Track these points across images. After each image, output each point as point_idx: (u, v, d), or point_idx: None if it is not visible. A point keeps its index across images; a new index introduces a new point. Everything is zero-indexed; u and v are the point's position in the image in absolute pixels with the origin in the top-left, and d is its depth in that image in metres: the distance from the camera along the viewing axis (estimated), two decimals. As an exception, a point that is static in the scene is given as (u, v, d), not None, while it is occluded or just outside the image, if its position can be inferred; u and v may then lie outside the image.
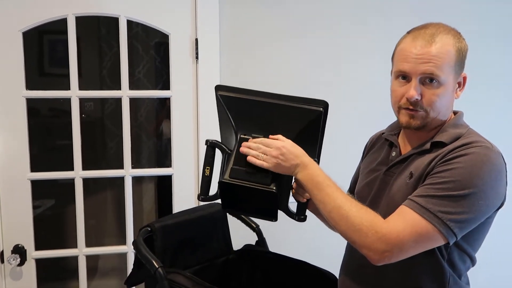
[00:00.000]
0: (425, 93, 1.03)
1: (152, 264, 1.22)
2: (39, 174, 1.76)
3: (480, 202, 0.96)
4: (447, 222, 0.94)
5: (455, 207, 0.94)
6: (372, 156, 1.25)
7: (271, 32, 1.86)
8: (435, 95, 1.02)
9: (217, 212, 1.53)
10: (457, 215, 0.94)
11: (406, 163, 1.09)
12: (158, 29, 1.79)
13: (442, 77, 1.01)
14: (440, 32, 1.03)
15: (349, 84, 1.94)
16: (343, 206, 1.00)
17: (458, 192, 0.95)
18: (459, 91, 1.07)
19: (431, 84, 1.02)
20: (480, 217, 0.98)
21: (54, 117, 2.87)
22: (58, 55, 2.93)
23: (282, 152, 1.06)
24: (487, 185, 0.96)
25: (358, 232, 0.97)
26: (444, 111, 1.06)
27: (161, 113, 2.93)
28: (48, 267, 1.98)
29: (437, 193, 0.96)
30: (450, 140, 1.04)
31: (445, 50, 1.01)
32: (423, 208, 0.95)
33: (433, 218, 0.94)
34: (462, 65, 1.06)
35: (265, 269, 1.51)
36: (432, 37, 1.02)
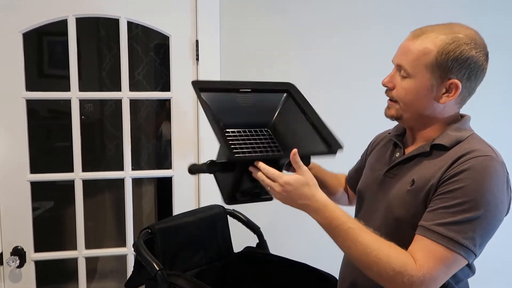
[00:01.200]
0: (397, 85, 1.06)
1: (153, 266, 1.21)
2: (39, 175, 1.76)
3: (495, 218, 0.96)
4: (470, 247, 0.94)
5: (474, 230, 0.94)
6: (376, 155, 1.24)
7: (272, 34, 1.86)
8: (402, 88, 1.05)
9: (218, 214, 1.53)
10: (478, 237, 0.94)
11: (408, 165, 1.08)
12: (158, 30, 1.78)
13: (410, 72, 1.02)
14: (434, 31, 1.02)
15: (349, 86, 1.94)
16: (371, 251, 0.96)
17: (475, 213, 0.94)
18: (445, 96, 1.02)
19: (402, 76, 1.05)
20: (494, 231, 0.98)
21: (54, 119, 2.87)
22: (58, 56, 2.93)
23: (286, 190, 1.02)
24: (498, 200, 0.96)
25: (393, 278, 0.94)
26: (418, 108, 1.05)
27: (160, 115, 2.93)
28: (48, 269, 1.97)
29: (455, 219, 0.94)
30: (450, 143, 1.02)
31: (422, 47, 1.01)
32: (446, 238, 0.94)
33: (458, 248, 0.94)
34: (447, 69, 1.00)
35: (265, 272, 1.50)
36: (420, 33, 1.03)
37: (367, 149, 1.34)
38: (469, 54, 0.99)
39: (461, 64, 1.00)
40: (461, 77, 1.01)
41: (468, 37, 1.00)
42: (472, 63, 1.00)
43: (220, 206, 1.56)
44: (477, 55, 1.00)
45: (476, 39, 1.01)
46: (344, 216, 1.01)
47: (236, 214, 1.56)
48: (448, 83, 1.01)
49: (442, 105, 1.04)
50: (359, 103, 1.94)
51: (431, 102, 1.04)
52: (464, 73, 1.01)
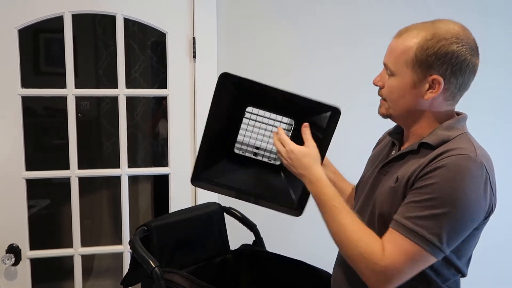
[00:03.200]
0: (385, 84, 1.09)
1: (149, 263, 1.21)
2: (34, 173, 1.75)
3: (465, 217, 0.96)
4: (436, 243, 0.94)
5: (441, 227, 0.94)
6: (376, 152, 1.26)
7: (270, 31, 1.86)
8: (389, 86, 1.07)
9: (214, 211, 1.53)
10: (445, 234, 0.94)
11: (399, 162, 1.09)
12: (155, 27, 1.78)
13: (393, 69, 1.04)
14: (417, 28, 1.03)
15: (349, 82, 1.93)
16: (345, 231, 1.01)
17: (442, 210, 0.94)
18: (429, 93, 1.02)
19: (388, 75, 1.07)
20: (466, 231, 0.98)
21: (50, 116, 2.86)
22: (54, 54, 2.92)
23: (290, 157, 1.12)
24: (469, 199, 0.95)
25: (359, 261, 0.99)
26: (404, 106, 1.06)
27: (157, 113, 2.92)
28: (44, 267, 1.97)
29: (422, 213, 0.95)
30: (436, 143, 1.02)
31: (403, 45, 1.02)
32: (412, 232, 0.95)
33: (423, 242, 0.95)
34: (427, 65, 1.00)
35: (262, 269, 1.50)
36: (403, 31, 1.05)
37: (375, 145, 1.36)
38: (449, 49, 0.99)
39: (441, 59, 0.99)
40: (443, 72, 1.00)
41: (448, 32, 1.00)
42: (453, 57, 0.99)
43: (217, 204, 1.56)
44: (458, 49, 0.99)
45: (459, 33, 1.00)
46: (332, 193, 1.07)
47: (233, 212, 1.56)
48: (431, 79, 1.01)
49: (428, 101, 1.04)
50: (359, 104, 1.94)
51: (416, 98, 1.04)
52: (446, 69, 1.00)
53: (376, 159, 1.22)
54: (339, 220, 1.03)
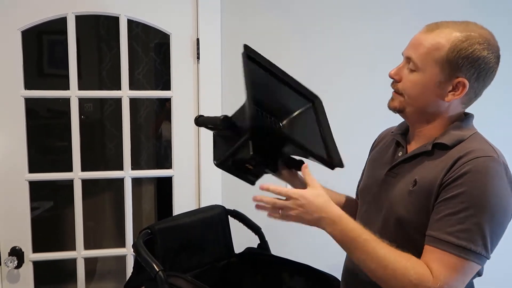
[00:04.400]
0: (404, 77, 1.04)
1: (153, 267, 1.19)
2: (37, 175, 1.74)
3: (501, 219, 0.95)
4: (483, 253, 0.93)
5: (484, 235, 0.93)
6: (378, 153, 1.22)
7: (274, 32, 1.85)
8: (409, 81, 1.03)
9: (218, 214, 1.51)
10: (488, 241, 0.93)
11: (409, 164, 1.07)
12: (159, 28, 1.76)
13: (419, 65, 1.00)
14: (449, 27, 0.99)
15: (352, 83, 1.92)
16: (388, 264, 0.95)
17: (482, 217, 0.93)
18: (451, 94, 1.00)
19: (410, 69, 1.03)
20: (503, 231, 0.98)
21: (53, 118, 2.86)
22: (57, 55, 2.92)
23: (300, 204, 1.00)
24: (503, 201, 0.95)
25: None
26: (423, 103, 1.03)
27: (160, 114, 2.91)
28: (46, 269, 1.95)
29: (463, 226, 0.93)
30: (452, 143, 1.01)
31: (435, 41, 0.99)
32: (458, 248, 0.93)
33: (471, 255, 0.93)
34: (457, 67, 0.98)
35: (267, 273, 1.48)
36: (434, 27, 1.01)
37: (371, 148, 1.32)
38: (480, 54, 0.98)
39: (471, 63, 0.98)
40: (470, 76, 0.99)
41: (482, 36, 0.99)
42: (482, 63, 0.98)
43: (221, 206, 1.54)
44: (488, 56, 0.98)
45: (490, 40, 1.00)
46: (359, 228, 0.99)
47: (237, 214, 1.54)
48: (456, 81, 1.00)
49: (447, 103, 1.02)
50: (361, 101, 1.93)
51: (436, 98, 1.02)
52: (473, 73, 0.99)
53: (378, 161, 1.19)
54: (376, 253, 0.96)
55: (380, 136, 1.30)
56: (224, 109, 1.78)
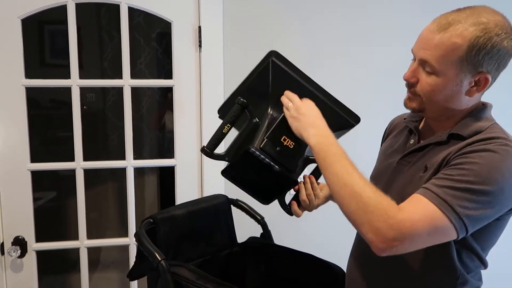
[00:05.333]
0: (421, 79, 1.00)
1: (155, 256, 1.18)
2: (39, 164, 1.73)
3: (497, 199, 0.91)
4: (463, 217, 0.89)
5: (472, 202, 0.89)
6: (390, 141, 1.21)
7: (276, 20, 1.82)
8: (428, 84, 0.98)
9: (221, 203, 1.50)
10: (474, 210, 0.89)
11: (422, 152, 1.05)
12: (160, 16, 1.74)
13: (437, 68, 0.96)
14: (462, 22, 0.94)
15: (355, 70, 1.90)
16: (357, 184, 0.92)
17: (478, 186, 0.89)
18: (475, 90, 0.97)
19: (427, 72, 0.98)
20: (493, 215, 0.94)
21: (56, 108, 2.85)
22: (59, 45, 2.90)
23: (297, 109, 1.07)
24: (506, 183, 0.91)
25: (369, 214, 0.89)
26: (444, 103, 1.00)
27: (163, 104, 2.90)
28: (50, 259, 1.96)
29: (455, 185, 0.90)
30: (469, 134, 0.98)
31: (451, 42, 0.93)
32: (440, 199, 0.89)
33: (450, 212, 0.89)
34: (477, 63, 0.94)
35: (270, 262, 1.48)
36: (447, 25, 0.95)
37: (383, 135, 1.31)
38: (500, 46, 0.94)
39: (492, 57, 0.95)
40: (491, 68, 0.96)
41: (498, 26, 0.94)
42: (503, 53, 0.95)
43: (224, 196, 1.53)
44: (508, 44, 0.95)
45: (505, 25, 0.95)
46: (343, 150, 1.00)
47: (240, 204, 1.53)
48: (478, 77, 0.97)
49: (469, 98, 1.00)
50: (367, 91, 1.90)
51: (457, 95, 0.99)
52: (494, 64, 0.96)
53: (390, 149, 1.17)
54: (351, 171, 0.94)
55: (392, 123, 1.28)
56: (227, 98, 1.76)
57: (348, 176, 0.94)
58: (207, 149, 1.15)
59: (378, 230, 0.88)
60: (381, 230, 0.88)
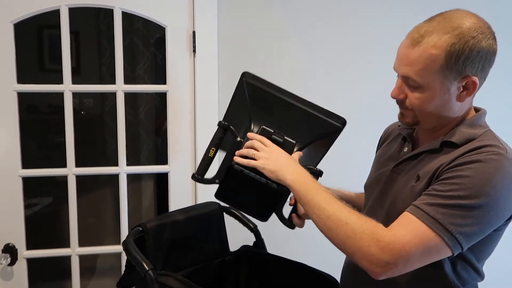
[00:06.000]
0: (408, 95, 0.98)
1: (142, 266, 1.16)
2: (31, 171, 1.71)
3: (491, 213, 0.88)
4: (456, 235, 0.86)
5: (465, 218, 0.86)
6: (385, 148, 1.19)
7: (271, 25, 1.80)
8: (416, 98, 0.97)
9: (213, 211, 1.47)
10: (467, 227, 0.87)
11: (415, 161, 1.03)
12: (154, 21, 1.73)
13: (421, 82, 0.94)
14: (435, 32, 0.92)
15: (350, 77, 1.88)
16: (341, 213, 0.92)
17: (469, 201, 0.87)
18: (465, 95, 0.96)
19: (411, 87, 0.97)
20: (489, 228, 0.91)
21: (53, 113, 2.83)
22: (59, 50, 2.90)
23: (266, 149, 1.06)
24: (499, 195, 0.88)
25: (358, 241, 0.88)
26: (437, 112, 0.98)
27: (162, 110, 2.87)
28: (41, 266, 1.93)
29: (446, 202, 0.87)
30: (461, 141, 0.96)
31: (427, 54, 0.92)
32: (431, 218, 0.87)
33: (442, 231, 0.86)
34: (460, 69, 0.93)
35: (263, 272, 1.45)
36: (419, 38, 0.93)
37: (378, 143, 1.29)
38: (478, 47, 0.92)
39: (473, 60, 0.92)
40: (476, 71, 0.94)
41: (471, 28, 0.92)
42: (483, 54, 0.93)
43: (216, 203, 1.50)
44: (486, 44, 0.92)
45: (480, 26, 0.93)
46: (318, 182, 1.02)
47: (233, 212, 1.50)
48: (464, 81, 0.94)
49: (460, 103, 0.98)
50: (363, 94, 1.88)
51: (448, 103, 0.97)
52: (478, 66, 0.94)
53: (384, 157, 1.15)
54: (332, 202, 0.95)
55: (387, 131, 1.26)
56: (221, 104, 1.74)
57: (331, 207, 0.94)
58: (197, 176, 1.19)
59: (370, 255, 0.87)
60: (374, 255, 0.86)
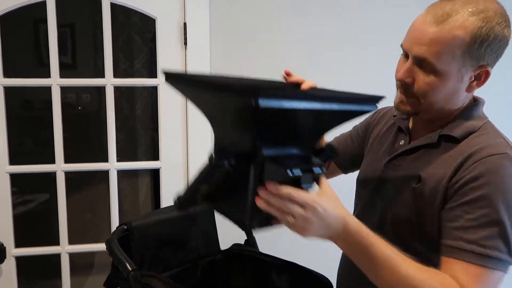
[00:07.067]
0: (418, 79, 0.89)
1: (125, 266, 1.12)
2: (18, 167, 1.68)
3: None
4: (508, 259, 0.84)
5: (508, 241, 0.83)
6: (379, 140, 1.10)
7: (264, 16, 1.75)
8: (427, 84, 0.88)
9: (203, 209, 1.43)
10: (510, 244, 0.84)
11: (411, 156, 0.96)
12: (144, 12, 1.68)
13: (437, 65, 0.85)
14: (460, 11, 0.84)
15: (345, 66, 1.83)
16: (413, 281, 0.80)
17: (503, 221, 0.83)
18: (475, 85, 0.90)
19: (424, 70, 0.87)
20: None
21: (48, 110, 2.82)
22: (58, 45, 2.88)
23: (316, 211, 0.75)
24: None
25: None
26: (442, 103, 0.91)
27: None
28: (31, 264, 1.91)
29: (485, 233, 0.83)
30: (461, 135, 0.90)
31: (451, 35, 0.83)
32: (486, 257, 0.82)
33: (498, 264, 0.83)
34: (479, 57, 0.86)
35: (254, 271, 1.40)
36: (444, 15, 0.84)
37: (368, 124, 1.18)
38: (502, 35, 0.86)
39: (493, 48, 0.86)
40: (491, 61, 0.88)
41: (497, 14, 0.85)
42: (502, 43, 0.87)
43: (207, 201, 1.46)
44: (508, 33, 0.87)
45: (504, 13, 0.87)
46: (380, 240, 0.81)
47: (224, 209, 1.46)
48: (478, 71, 0.88)
49: (466, 94, 0.91)
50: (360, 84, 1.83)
51: (457, 94, 0.90)
52: (495, 56, 0.88)
53: (378, 148, 1.07)
54: (400, 270, 0.80)
55: (380, 112, 1.17)
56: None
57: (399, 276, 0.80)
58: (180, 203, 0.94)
59: None
60: None
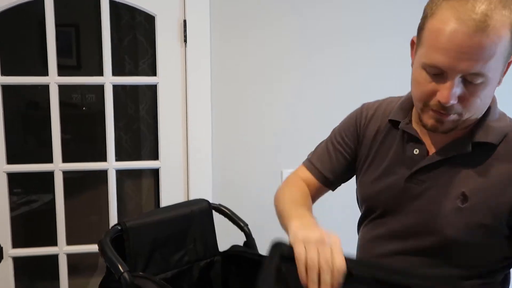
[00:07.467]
0: (464, 94, 0.80)
1: (117, 268, 1.09)
2: (16, 166, 1.67)
3: None
4: None
5: None
6: (375, 147, 0.99)
7: (264, 12, 1.73)
8: (477, 97, 0.80)
9: (202, 209, 1.39)
10: None
11: (439, 170, 0.88)
12: (143, 10, 1.66)
13: (489, 75, 0.78)
14: (493, 8, 0.75)
15: (346, 65, 1.79)
16: None
17: None
18: (502, 79, 0.84)
19: (474, 84, 0.79)
20: None
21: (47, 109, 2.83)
22: (63, 45, 2.87)
23: None
24: None
25: None
26: (483, 110, 0.85)
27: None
28: (29, 265, 1.90)
29: None
30: (498, 139, 0.85)
31: (498, 37, 0.75)
32: None
33: None
34: None
35: (253, 273, 1.36)
36: (484, 20, 0.74)
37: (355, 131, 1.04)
38: None
39: None
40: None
41: None
42: None
43: (205, 201, 1.42)
44: None
45: None
46: None
47: (222, 209, 1.42)
48: (508, 62, 0.82)
49: None
50: (363, 86, 1.78)
51: (492, 92, 0.85)
52: None
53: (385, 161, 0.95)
54: None
55: (365, 113, 1.03)
56: (214, 96, 1.67)
57: None
58: None
59: None
60: None
